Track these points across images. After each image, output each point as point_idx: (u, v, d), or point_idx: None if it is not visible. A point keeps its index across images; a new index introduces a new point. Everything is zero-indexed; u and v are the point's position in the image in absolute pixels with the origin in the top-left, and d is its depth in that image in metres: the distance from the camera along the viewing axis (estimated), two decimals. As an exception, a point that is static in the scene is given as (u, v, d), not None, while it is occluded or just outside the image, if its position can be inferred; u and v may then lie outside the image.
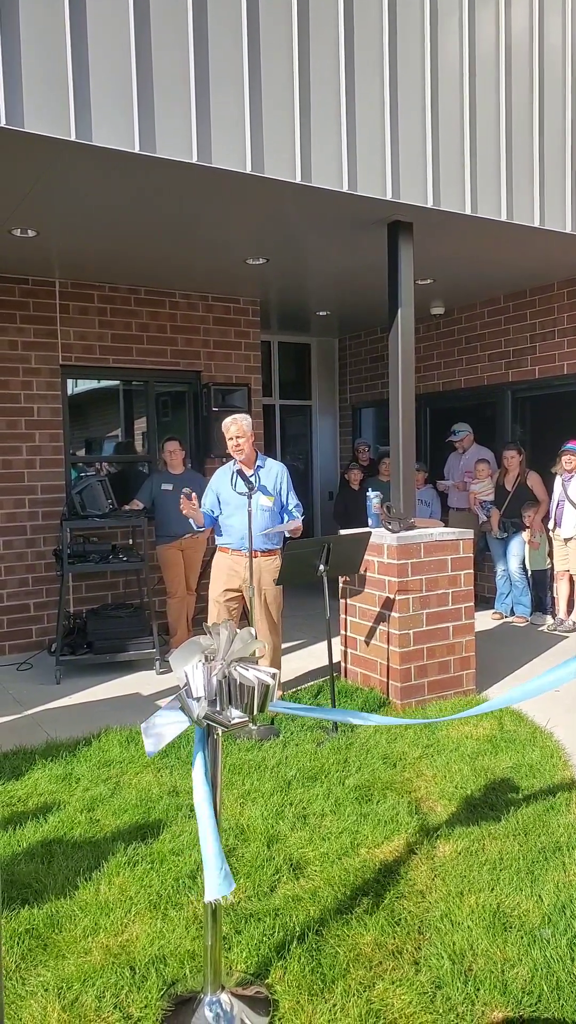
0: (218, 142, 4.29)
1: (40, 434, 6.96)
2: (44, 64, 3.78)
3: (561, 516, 7.11)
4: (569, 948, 2.64)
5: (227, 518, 5.06)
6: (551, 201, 5.64)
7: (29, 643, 6.94)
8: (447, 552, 5.26)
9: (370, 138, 4.80)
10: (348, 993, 2.46)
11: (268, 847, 3.33)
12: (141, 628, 6.34)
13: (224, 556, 5.10)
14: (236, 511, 4.99)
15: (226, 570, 5.06)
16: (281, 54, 4.45)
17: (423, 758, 4.22)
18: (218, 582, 5.10)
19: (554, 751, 4.30)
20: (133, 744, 4.46)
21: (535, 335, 7.99)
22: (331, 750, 4.34)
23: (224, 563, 5.08)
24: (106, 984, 2.52)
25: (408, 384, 5.44)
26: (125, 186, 4.68)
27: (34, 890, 3.04)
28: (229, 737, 4.47)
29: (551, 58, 5.58)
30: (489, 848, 3.29)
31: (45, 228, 5.52)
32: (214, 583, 5.12)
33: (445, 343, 9.04)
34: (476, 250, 6.33)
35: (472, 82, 5.20)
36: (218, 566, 5.12)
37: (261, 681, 2.26)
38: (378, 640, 5.28)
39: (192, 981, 2.53)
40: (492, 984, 2.49)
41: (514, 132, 5.42)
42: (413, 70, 4.95)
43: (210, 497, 5.13)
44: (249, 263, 6.58)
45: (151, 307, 7.46)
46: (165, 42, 4.10)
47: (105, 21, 3.93)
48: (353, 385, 10.58)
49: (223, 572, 5.08)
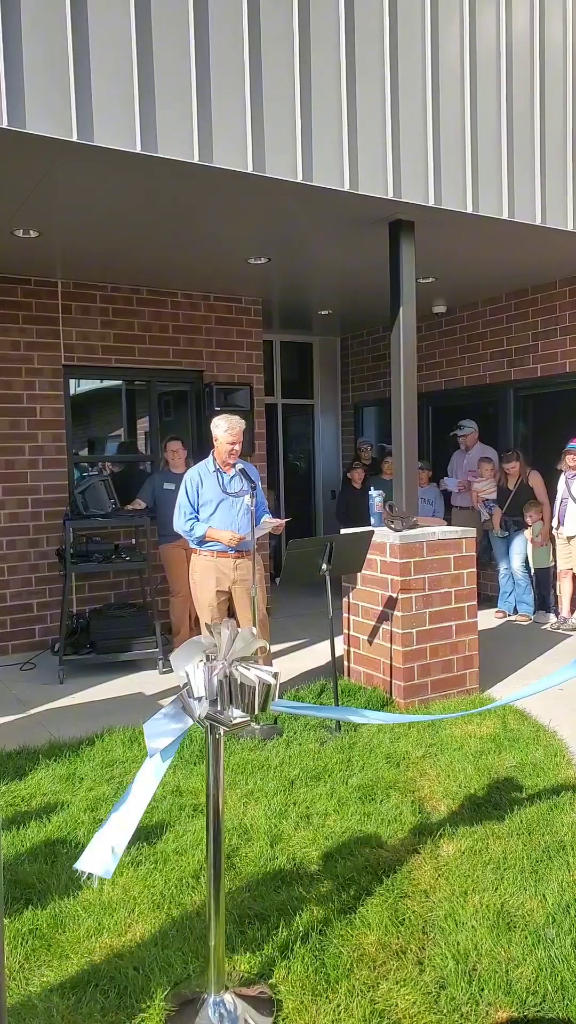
0: (219, 142, 4.29)
1: (43, 434, 6.97)
2: (46, 65, 3.78)
3: (564, 514, 7.10)
4: (573, 948, 2.63)
5: (210, 519, 4.98)
6: (553, 199, 5.63)
7: (32, 643, 6.95)
8: (450, 551, 5.26)
9: (371, 137, 4.80)
10: (352, 993, 2.46)
11: (271, 846, 3.33)
12: (144, 628, 6.34)
13: (208, 559, 5.01)
14: (222, 512, 4.95)
15: (215, 572, 5.00)
16: (282, 54, 4.45)
17: (426, 757, 4.22)
18: (208, 586, 5.02)
19: (558, 750, 4.29)
20: (136, 744, 4.46)
21: (537, 333, 7.97)
22: (334, 749, 4.34)
23: (210, 565, 5.00)
24: (110, 984, 2.52)
25: (410, 383, 5.43)
26: (127, 186, 4.68)
27: (38, 890, 3.05)
28: (232, 737, 4.47)
29: (552, 56, 5.56)
30: (493, 847, 3.29)
31: (47, 229, 5.52)
32: (204, 588, 5.04)
33: (447, 341, 9.03)
34: (478, 249, 6.32)
35: (473, 80, 5.19)
36: (205, 569, 5.02)
37: (263, 680, 2.26)
38: (381, 639, 5.28)
39: (196, 981, 2.53)
40: (496, 984, 2.48)
41: (515, 130, 5.41)
42: (414, 69, 4.94)
43: (186, 499, 5.02)
44: (251, 262, 6.58)
45: (153, 307, 7.47)
46: (166, 42, 4.10)
47: (106, 22, 3.92)
48: (355, 384, 10.57)
49: (211, 575, 5.00)
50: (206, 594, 5.04)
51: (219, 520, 4.96)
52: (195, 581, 5.11)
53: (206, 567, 5.03)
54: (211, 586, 5.02)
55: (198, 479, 5.03)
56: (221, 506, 4.97)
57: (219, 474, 5.00)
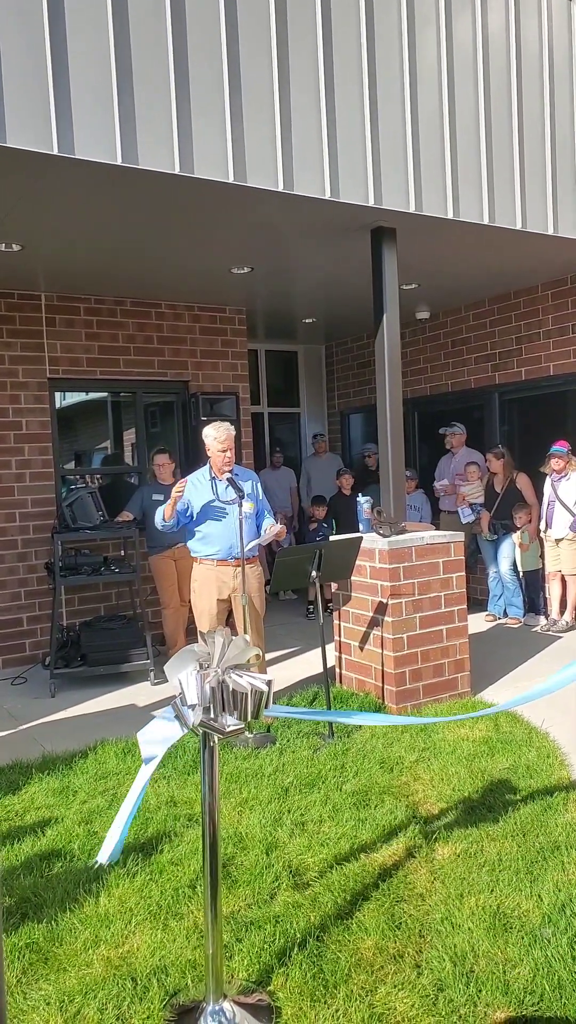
0: (200, 152, 4.31)
1: (29, 448, 6.96)
2: (25, 79, 3.79)
3: (552, 517, 7.14)
4: (570, 947, 2.64)
5: (207, 527, 4.98)
6: (533, 204, 5.69)
7: (23, 657, 6.91)
8: (438, 555, 5.28)
9: (351, 145, 4.83)
10: (350, 998, 2.46)
11: (267, 854, 3.32)
12: (135, 639, 6.32)
13: (209, 567, 4.98)
14: (218, 519, 4.96)
15: (215, 581, 4.98)
16: (260, 63, 4.48)
17: (420, 762, 4.23)
18: (208, 595, 4.99)
19: (551, 751, 4.31)
20: (130, 755, 4.45)
21: (520, 337, 8.03)
22: (328, 756, 4.34)
23: (211, 574, 4.98)
24: (108, 996, 2.51)
25: (395, 389, 5.46)
26: (109, 198, 4.69)
27: (33, 904, 3.03)
28: (226, 745, 4.47)
29: (529, 62, 5.63)
30: (488, 849, 3.30)
31: (30, 242, 5.53)
32: (203, 596, 5.01)
33: (431, 347, 9.08)
34: (460, 254, 6.37)
35: (451, 87, 5.24)
36: (205, 578, 5.00)
37: (255, 688, 2.26)
38: (372, 645, 5.29)
39: (194, 991, 2.52)
40: (494, 985, 2.49)
41: (494, 136, 5.47)
42: (392, 76, 4.98)
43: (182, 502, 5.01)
44: (234, 272, 6.60)
45: (137, 318, 7.48)
46: (145, 55, 4.12)
47: (85, 35, 3.94)
48: (341, 391, 10.61)
49: (212, 584, 4.98)
50: (206, 602, 5.02)
51: (213, 528, 4.96)
52: (195, 590, 5.10)
53: (207, 576, 5.01)
54: (211, 595, 5.00)
55: (192, 485, 5.04)
56: (215, 514, 4.96)
57: (214, 482, 5.00)
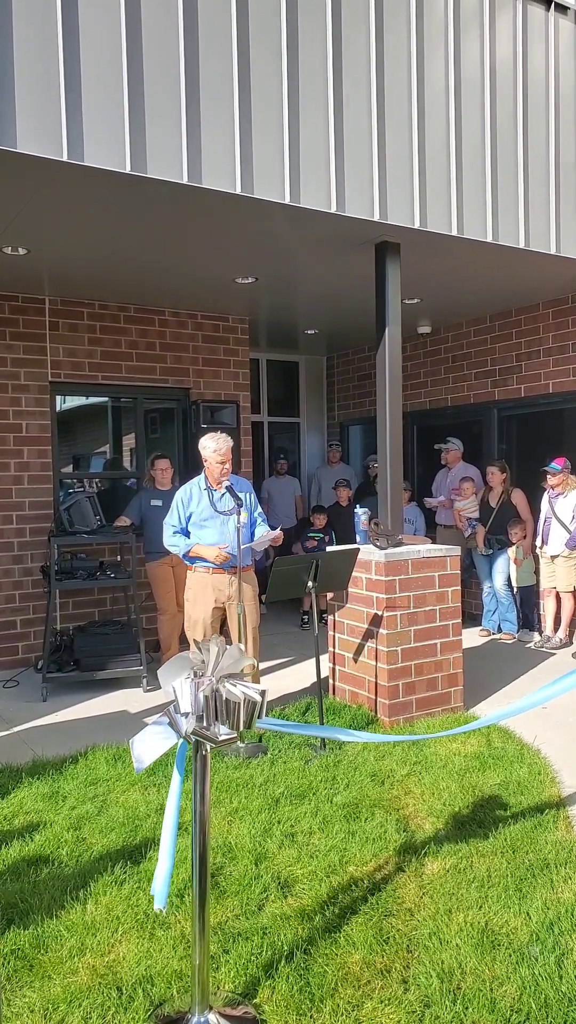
0: (208, 163, 4.34)
1: (28, 450, 6.96)
2: (37, 86, 3.82)
3: (548, 533, 7.15)
4: (557, 965, 2.64)
5: (202, 537, 4.99)
6: (536, 223, 5.72)
7: (15, 660, 6.90)
8: (435, 569, 5.28)
9: (358, 160, 4.87)
10: (337, 1013, 2.45)
11: (256, 865, 3.31)
12: (128, 645, 6.31)
13: (204, 575, 5.00)
14: (213, 529, 4.97)
15: (211, 589, 4.98)
16: (270, 77, 4.52)
17: (411, 775, 4.22)
18: (204, 602, 5.00)
19: (542, 768, 4.31)
20: (120, 762, 4.44)
21: (520, 354, 8.06)
22: (319, 768, 4.33)
23: (206, 582, 4.99)
24: (92, 1005, 2.50)
25: (395, 402, 5.48)
26: (116, 205, 4.72)
27: (20, 910, 3.02)
28: (217, 755, 4.46)
29: (535, 81, 5.67)
30: (477, 865, 3.29)
31: (36, 246, 5.55)
32: (197, 604, 5.02)
33: (432, 361, 9.12)
34: (462, 270, 6.41)
35: (458, 105, 5.29)
36: (200, 585, 5.01)
37: (249, 698, 2.26)
38: (366, 657, 5.28)
39: (179, 1001, 2.51)
40: (481, 1002, 2.48)
41: (499, 155, 5.51)
42: (400, 93, 5.02)
43: (176, 514, 5.05)
44: (238, 282, 6.63)
45: (140, 324, 7.50)
46: (156, 64, 4.16)
47: (97, 43, 3.97)
48: (341, 403, 10.64)
49: (207, 591, 4.99)
50: (200, 611, 5.01)
51: (210, 538, 4.97)
52: (189, 598, 5.09)
53: (202, 584, 5.01)
54: (207, 603, 5.00)
55: (189, 496, 5.05)
56: (212, 524, 4.98)
57: (210, 492, 5.01)
